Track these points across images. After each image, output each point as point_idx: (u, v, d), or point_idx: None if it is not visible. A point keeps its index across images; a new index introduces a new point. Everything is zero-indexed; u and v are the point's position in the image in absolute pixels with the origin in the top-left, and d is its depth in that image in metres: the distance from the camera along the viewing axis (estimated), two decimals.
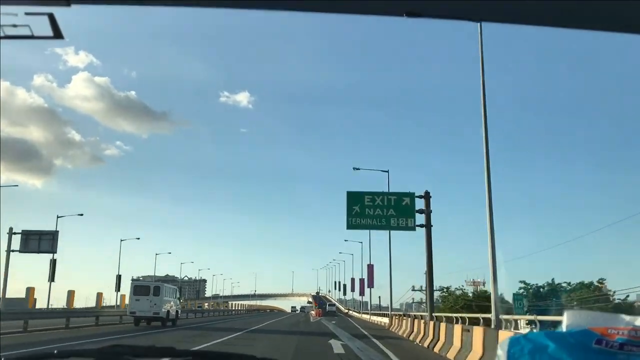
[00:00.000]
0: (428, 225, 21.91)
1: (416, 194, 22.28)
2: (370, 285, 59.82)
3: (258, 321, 40.29)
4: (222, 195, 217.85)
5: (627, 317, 1.18)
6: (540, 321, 17.94)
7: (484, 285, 54.24)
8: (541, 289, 39.04)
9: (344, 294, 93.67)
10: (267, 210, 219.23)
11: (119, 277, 48.02)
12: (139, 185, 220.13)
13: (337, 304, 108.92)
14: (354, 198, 22.06)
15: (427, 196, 22.22)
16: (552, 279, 40.44)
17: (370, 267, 58.57)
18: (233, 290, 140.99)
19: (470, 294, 41.56)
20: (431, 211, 21.98)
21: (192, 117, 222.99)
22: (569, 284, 39.29)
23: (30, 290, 30.83)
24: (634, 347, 1.11)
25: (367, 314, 58.88)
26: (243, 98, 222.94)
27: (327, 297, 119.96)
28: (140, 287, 27.54)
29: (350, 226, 22.08)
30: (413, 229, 22.04)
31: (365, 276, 63.52)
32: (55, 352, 1.45)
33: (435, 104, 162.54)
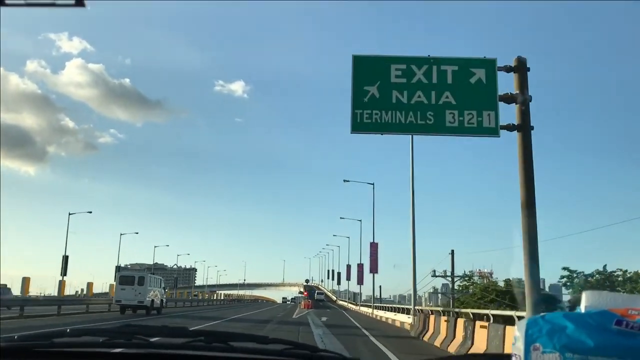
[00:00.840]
0: (525, 127, 9.66)
1: (498, 65, 9.93)
2: (374, 270, 45.49)
3: (236, 312, 38.30)
4: (215, 185, 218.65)
5: None
6: None
7: (491, 276, 49.06)
8: (590, 278, 32.32)
9: (338, 283, 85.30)
10: (260, 199, 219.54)
11: (118, 268, 49.25)
12: (133, 173, 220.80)
13: (326, 292, 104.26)
14: (368, 68, 10.13)
15: (521, 68, 9.85)
16: (604, 267, 33.28)
17: (374, 246, 45.87)
18: (219, 279, 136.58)
19: (502, 283, 33.11)
20: (531, 98, 9.75)
21: (187, 106, 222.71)
22: (624, 272, 32.60)
23: (25, 280, 32.19)
24: None
25: (368, 306, 46.36)
26: (238, 87, 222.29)
27: (320, 287, 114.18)
28: (126, 277, 28.89)
29: (357, 127, 9.89)
30: (495, 132, 9.77)
31: (365, 261, 52.01)
32: (67, 330, 1.45)
33: None
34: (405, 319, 24.61)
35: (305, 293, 65.38)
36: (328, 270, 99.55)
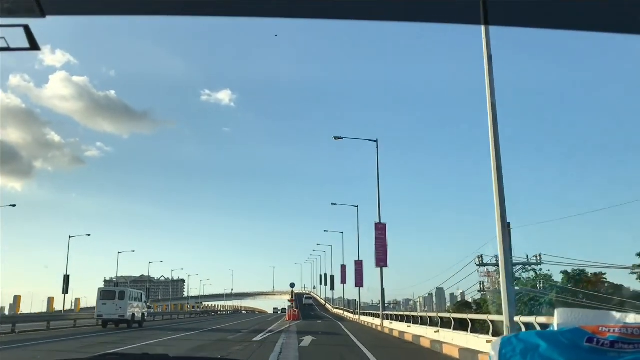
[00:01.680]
0: None
1: None
2: (382, 262, 31.49)
3: (217, 323, 36.56)
4: (203, 196, 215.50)
5: (618, 315, 1.18)
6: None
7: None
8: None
9: (332, 287, 76.11)
10: (248, 207, 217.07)
11: (66, 277, 45.45)
12: (120, 186, 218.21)
13: (320, 299, 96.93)
14: None
15: None
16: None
17: (359, 264, 42.99)
18: (205, 290, 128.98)
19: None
20: None
21: (173, 117, 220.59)
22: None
23: (17, 298, 34.17)
24: (625, 344, 1.11)
25: (370, 315, 36.02)
26: (225, 96, 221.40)
27: (313, 294, 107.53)
28: (106, 292, 30.00)
29: None
30: None
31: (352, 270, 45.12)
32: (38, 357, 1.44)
33: (434, 99, 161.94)
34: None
35: (292, 300, 47.59)
36: (320, 275, 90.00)
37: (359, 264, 43.00)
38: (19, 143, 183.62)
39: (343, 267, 61.37)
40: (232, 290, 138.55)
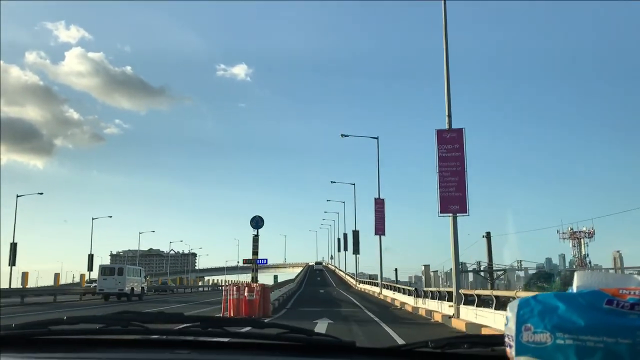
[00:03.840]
0: None
1: None
2: (380, 230, 34.21)
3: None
4: (218, 171, 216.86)
5: (639, 277, 1.16)
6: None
7: (590, 237, 44.34)
8: None
9: (345, 248, 61.80)
10: (263, 182, 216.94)
11: (90, 257, 49.45)
12: (139, 163, 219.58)
13: (334, 268, 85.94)
14: None
15: None
16: None
17: (380, 203, 35.00)
18: (214, 263, 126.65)
19: None
20: None
21: (189, 92, 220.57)
22: None
23: (25, 274, 35.87)
24: None
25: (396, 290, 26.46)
26: (240, 71, 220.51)
27: (330, 265, 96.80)
28: (106, 268, 32.48)
29: None
30: None
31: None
32: (65, 318, 1.46)
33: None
34: None
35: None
36: (339, 239, 74.35)
37: (379, 204, 35.30)
38: (39, 121, 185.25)
39: (355, 233, 52.81)
40: (237, 263, 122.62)
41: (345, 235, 64.05)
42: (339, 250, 76.23)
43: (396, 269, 53.39)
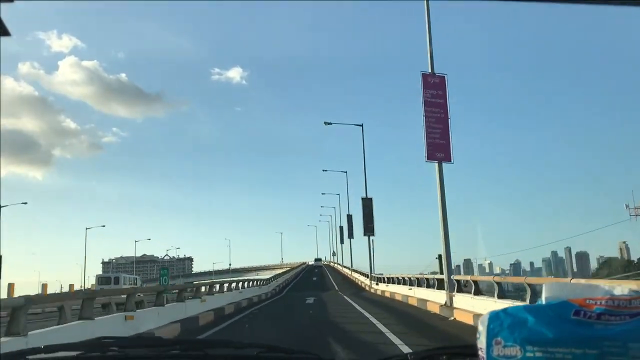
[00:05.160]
0: None
1: None
2: (350, 236, 48.64)
3: None
4: (217, 176, 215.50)
5: (605, 286, 1.18)
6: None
7: None
8: None
9: (350, 235, 53.64)
10: (260, 183, 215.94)
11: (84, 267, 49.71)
12: (138, 171, 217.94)
13: (336, 266, 76.88)
14: None
15: None
16: None
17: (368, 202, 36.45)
18: (211, 267, 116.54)
19: None
20: None
21: (185, 98, 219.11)
22: None
23: (11, 285, 36.08)
24: (611, 316, 1.11)
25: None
26: (235, 74, 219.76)
27: (332, 263, 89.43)
28: (103, 278, 33.36)
29: None
30: None
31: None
32: (42, 347, 1.45)
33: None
34: None
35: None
36: (341, 227, 66.42)
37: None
38: (36, 132, 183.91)
39: (349, 218, 53.22)
40: (230, 265, 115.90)
41: (349, 217, 55.44)
42: (341, 241, 68.28)
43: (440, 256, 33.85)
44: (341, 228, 64.45)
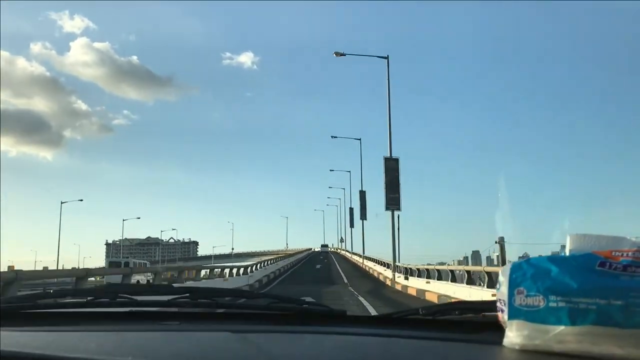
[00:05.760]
0: None
1: None
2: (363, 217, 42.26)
3: None
4: (225, 159, 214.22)
5: (632, 239, 1.15)
6: None
7: None
8: None
9: (362, 216, 46.22)
10: (268, 168, 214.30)
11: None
12: (148, 155, 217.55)
13: (345, 253, 69.83)
14: None
15: None
16: None
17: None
18: (214, 251, 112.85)
19: None
20: None
21: (196, 82, 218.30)
22: None
23: (10, 268, 37.59)
24: (638, 268, 1.09)
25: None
26: (247, 59, 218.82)
27: (340, 250, 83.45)
28: (114, 263, 34.44)
29: None
30: None
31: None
32: (51, 291, 1.44)
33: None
34: None
35: None
36: (351, 208, 59.77)
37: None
38: (47, 112, 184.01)
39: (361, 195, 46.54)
40: (232, 249, 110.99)
41: (362, 194, 47.16)
42: (351, 225, 60.57)
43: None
44: (351, 210, 57.35)
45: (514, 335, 1.11)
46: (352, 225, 59.67)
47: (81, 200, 58.50)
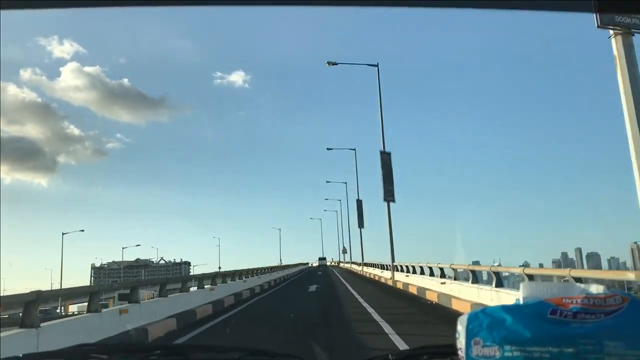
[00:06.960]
0: None
1: None
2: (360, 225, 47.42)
3: None
4: (220, 179, 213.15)
5: (582, 286, 1.19)
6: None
7: None
8: None
9: (360, 224, 48.30)
10: (264, 184, 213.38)
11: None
12: (141, 177, 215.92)
13: (345, 266, 66.15)
14: None
15: None
16: None
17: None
18: (192, 271, 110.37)
19: None
20: None
21: (188, 102, 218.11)
22: None
23: None
24: (587, 315, 1.12)
25: None
26: (238, 78, 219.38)
27: (341, 264, 77.80)
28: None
29: None
30: None
31: None
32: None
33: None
34: None
35: None
36: (359, 200, 51.70)
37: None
38: (40, 138, 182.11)
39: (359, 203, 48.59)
40: (219, 267, 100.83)
41: (359, 203, 47.70)
42: (360, 225, 51.54)
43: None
44: (359, 202, 49.90)
45: None
46: (361, 225, 50.37)
47: (82, 230, 58.24)
